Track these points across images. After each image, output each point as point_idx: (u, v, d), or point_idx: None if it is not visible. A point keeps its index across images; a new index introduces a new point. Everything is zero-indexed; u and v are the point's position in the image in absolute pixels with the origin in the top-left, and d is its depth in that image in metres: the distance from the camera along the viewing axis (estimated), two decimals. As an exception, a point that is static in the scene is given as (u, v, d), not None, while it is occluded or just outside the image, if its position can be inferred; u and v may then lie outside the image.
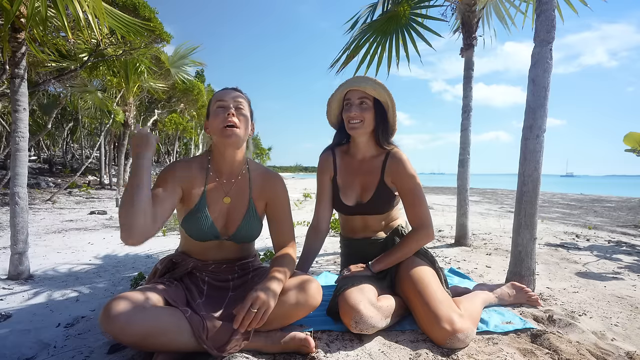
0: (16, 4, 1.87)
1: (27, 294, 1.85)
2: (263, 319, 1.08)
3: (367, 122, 1.48)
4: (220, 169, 1.33)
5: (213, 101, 1.29)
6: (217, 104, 1.26)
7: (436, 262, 1.50)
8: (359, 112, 1.46)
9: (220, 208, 1.30)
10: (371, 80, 1.47)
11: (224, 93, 1.28)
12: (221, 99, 1.26)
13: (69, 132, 13.43)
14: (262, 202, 1.38)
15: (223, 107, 1.25)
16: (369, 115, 1.48)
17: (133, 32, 2.83)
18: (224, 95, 1.27)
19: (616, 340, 1.33)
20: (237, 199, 1.33)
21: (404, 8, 2.77)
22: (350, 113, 1.47)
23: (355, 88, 1.47)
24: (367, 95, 1.47)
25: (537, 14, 1.76)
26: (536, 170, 1.74)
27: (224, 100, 1.26)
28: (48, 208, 5.74)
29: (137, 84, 7.48)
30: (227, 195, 1.32)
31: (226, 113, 1.24)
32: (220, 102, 1.26)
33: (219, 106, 1.26)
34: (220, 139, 1.25)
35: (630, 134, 4.10)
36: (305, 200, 8.16)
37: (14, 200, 2.04)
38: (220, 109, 1.25)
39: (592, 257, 2.74)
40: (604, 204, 8.62)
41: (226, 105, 1.26)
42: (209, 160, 1.33)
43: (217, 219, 1.29)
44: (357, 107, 1.47)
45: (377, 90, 1.46)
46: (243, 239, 1.33)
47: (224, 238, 1.31)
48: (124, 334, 0.98)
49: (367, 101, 1.48)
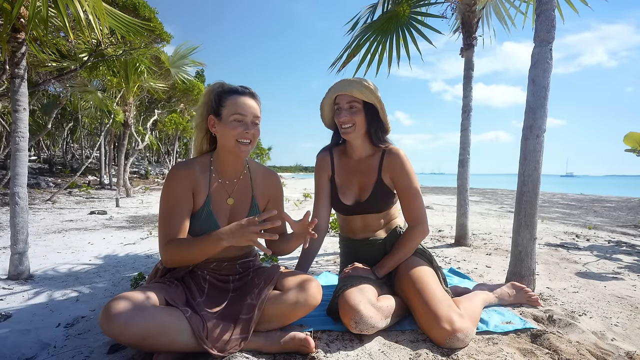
0: (16, 7, 1.87)
1: (27, 294, 1.85)
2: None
3: (358, 125, 1.48)
4: (223, 170, 1.33)
5: (228, 105, 1.24)
6: (235, 116, 1.22)
7: (434, 260, 1.50)
8: (349, 117, 1.46)
9: (225, 209, 1.31)
10: (357, 83, 1.45)
11: (243, 105, 1.24)
12: (241, 112, 1.22)
13: (69, 132, 13.43)
14: (264, 200, 1.40)
15: (241, 122, 1.23)
16: (360, 118, 1.47)
17: (133, 32, 2.83)
18: (244, 108, 1.23)
19: (616, 340, 1.33)
20: (240, 199, 1.34)
21: (404, 8, 2.78)
22: (340, 118, 1.47)
23: (342, 93, 1.47)
24: (355, 98, 1.47)
25: (537, 13, 1.76)
26: (536, 170, 1.74)
27: (243, 114, 1.23)
28: (48, 208, 5.74)
29: (137, 84, 7.49)
30: (230, 196, 1.33)
31: (244, 130, 1.22)
32: (239, 116, 1.22)
33: (237, 119, 1.22)
34: (233, 150, 1.25)
35: (630, 134, 4.10)
36: (305, 200, 8.16)
37: (14, 200, 2.04)
38: (238, 122, 1.23)
39: (592, 257, 2.74)
40: (604, 204, 8.63)
41: (245, 121, 1.23)
42: (211, 162, 1.33)
43: (221, 220, 1.29)
44: (346, 111, 1.47)
45: (363, 93, 1.44)
46: None
47: None
48: (123, 334, 0.99)
49: (356, 104, 1.47)
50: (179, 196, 1.23)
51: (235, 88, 1.28)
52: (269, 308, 1.18)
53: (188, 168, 1.27)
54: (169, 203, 1.22)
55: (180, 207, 1.22)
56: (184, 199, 1.23)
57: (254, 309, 1.16)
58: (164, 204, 1.23)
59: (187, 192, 1.24)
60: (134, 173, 15.31)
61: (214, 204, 1.29)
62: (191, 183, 1.25)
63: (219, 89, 1.28)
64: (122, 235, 3.60)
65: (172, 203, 1.22)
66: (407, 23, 2.80)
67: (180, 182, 1.24)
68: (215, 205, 1.29)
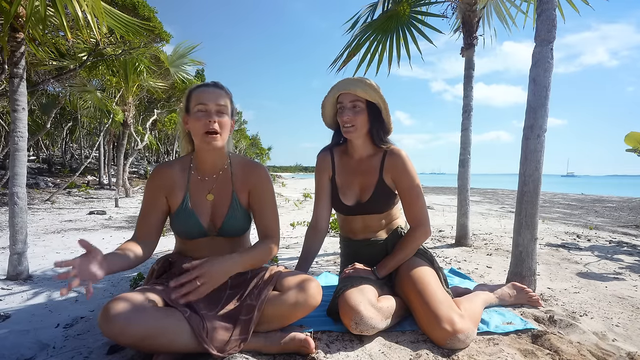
0: (14, 6, 1.86)
1: (26, 294, 1.84)
2: (199, 293, 1.10)
3: (360, 124, 1.47)
4: (202, 167, 1.34)
5: (193, 99, 1.25)
6: (198, 107, 1.22)
7: (435, 261, 1.50)
8: (351, 116, 1.45)
9: (205, 205, 1.32)
10: (361, 82, 1.44)
11: (205, 94, 1.24)
12: (202, 102, 1.22)
13: (68, 131, 13.40)
14: (245, 193, 1.36)
15: (204, 112, 1.22)
16: (362, 117, 1.46)
17: (132, 31, 2.82)
18: (205, 97, 1.23)
19: (617, 340, 1.32)
20: (221, 194, 1.34)
21: (404, 7, 2.77)
22: (343, 117, 1.46)
23: (345, 92, 1.46)
24: (359, 97, 1.46)
25: (538, 13, 1.75)
26: (537, 170, 1.73)
27: (205, 104, 1.22)
28: (47, 208, 5.73)
29: (137, 83, 7.48)
30: (210, 192, 1.33)
31: (207, 119, 1.21)
32: (201, 106, 1.22)
33: (200, 110, 1.22)
34: (201, 144, 1.25)
35: (631, 133, 4.09)
36: (305, 200, 8.16)
37: (12, 201, 2.03)
38: (201, 112, 1.22)
39: (593, 258, 2.74)
40: (605, 204, 8.62)
41: (208, 110, 1.22)
42: (191, 160, 1.35)
43: (202, 216, 1.30)
44: (349, 110, 1.46)
45: (367, 93, 1.44)
46: (231, 232, 1.34)
47: (212, 234, 1.32)
48: (123, 335, 0.98)
49: (359, 103, 1.46)
50: (149, 198, 1.29)
51: (203, 83, 1.30)
52: (269, 308, 1.18)
53: (168, 167, 1.32)
54: (143, 202, 1.31)
55: (149, 209, 1.29)
56: (154, 201, 1.29)
57: (254, 310, 1.15)
58: (142, 202, 1.32)
59: (158, 194, 1.29)
60: (133, 173, 15.30)
61: (194, 201, 1.30)
62: (168, 182, 1.29)
63: (191, 88, 1.31)
64: (122, 236, 3.59)
65: (144, 203, 1.30)
66: (408, 22, 2.80)
67: (154, 182, 1.30)
68: (195, 202, 1.30)
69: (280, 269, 1.35)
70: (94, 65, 5.87)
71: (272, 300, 1.19)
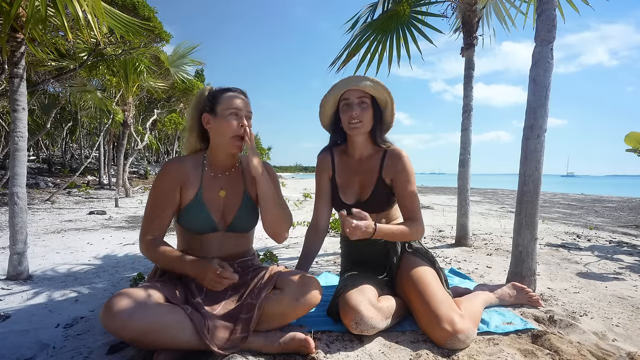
0: (14, 8, 1.86)
1: (26, 294, 1.84)
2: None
3: (366, 121, 1.47)
4: (216, 164, 1.36)
5: (224, 102, 1.28)
6: (232, 111, 1.27)
7: (436, 262, 1.49)
8: (359, 112, 1.45)
9: (217, 201, 1.33)
10: (369, 79, 1.46)
11: (238, 100, 1.30)
12: (237, 107, 1.28)
13: (68, 131, 13.39)
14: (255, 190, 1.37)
15: (238, 116, 1.28)
16: (369, 114, 1.47)
17: (132, 31, 2.83)
18: (240, 103, 1.29)
19: (617, 340, 1.32)
20: (233, 191, 1.36)
21: (404, 7, 2.77)
22: (351, 112, 1.45)
23: (354, 88, 1.46)
24: (366, 94, 1.46)
25: (538, 13, 1.75)
26: (537, 170, 1.73)
27: (240, 109, 1.28)
28: (47, 208, 5.74)
29: (137, 83, 7.48)
30: (222, 189, 1.35)
31: (240, 124, 1.27)
32: (235, 110, 1.27)
33: (233, 112, 1.27)
34: (228, 146, 1.29)
35: (631, 133, 4.08)
36: (305, 200, 8.16)
37: (12, 201, 2.03)
38: (235, 116, 1.27)
39: (593, 258, 2.74)
40: (605, 204, 8.62)
41: (241, 115, 1.28)
42: (204, 157, 1.36)
43: (214, 212, 1.31)
44: (357, 106, 1.45)
45: (376, 89, 1.45)
46: (240, 228, 1.36)
47: (221, 229, 1.33)
48: (125, 330, 0.99)
49: (367, 100, 1.47)
50: (165, 192, 1.28)
51: (228, 88, 1.34)
52: (269, 307, 1.18)
53: (181, 163, 1.32)
54: (156, 197, 1.28)
55: (164, 203, 1.27)
56: (169, 195, 1.28)
57: (254, 309, 1.16)
58: (151, 197, 1.29)
59: (174, 188, 1.28)
60: (133, 173, 15.29)
61: (206, 196, 1.31)
62: (181, 178, 1.29)
63: (213, 90, 1.34)
64: (122, 236, 3.60)
65: (158, 197, 1.28)
66: (408, 22, 2.80)
67: (170, 176, 1.29)
68: (208, 198, 1.32)
69: (280, 268, 1.36)
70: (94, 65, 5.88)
71: (272, 298, 1.20)
